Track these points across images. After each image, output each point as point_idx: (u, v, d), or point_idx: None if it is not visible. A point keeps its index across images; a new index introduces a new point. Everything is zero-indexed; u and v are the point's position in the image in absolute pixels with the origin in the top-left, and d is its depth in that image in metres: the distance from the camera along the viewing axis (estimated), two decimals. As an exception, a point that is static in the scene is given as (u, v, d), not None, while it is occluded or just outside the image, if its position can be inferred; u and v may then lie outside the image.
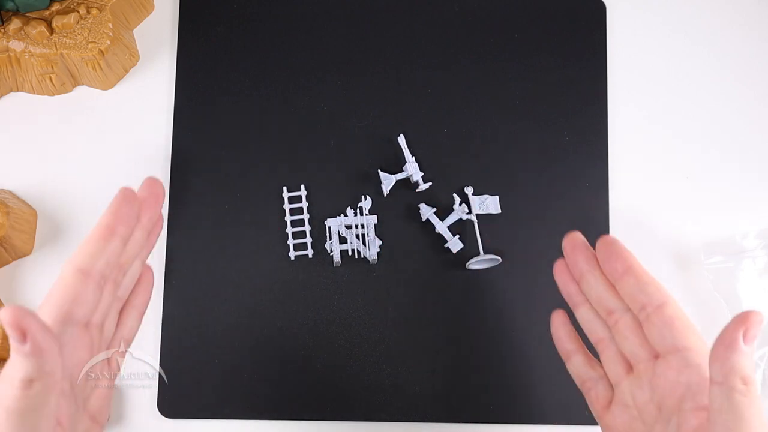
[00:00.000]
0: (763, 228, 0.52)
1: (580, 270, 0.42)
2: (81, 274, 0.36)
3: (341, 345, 0.51)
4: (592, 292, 0.42)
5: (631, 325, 0.40)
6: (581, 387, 0.43)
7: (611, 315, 0.41)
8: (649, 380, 0.38)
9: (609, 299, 0.41)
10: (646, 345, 0.39)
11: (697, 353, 0.37)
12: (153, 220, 0.42)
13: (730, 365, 0.33)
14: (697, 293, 0.53)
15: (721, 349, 0.33)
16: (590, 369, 0.43)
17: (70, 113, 0.54)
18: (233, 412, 0.50)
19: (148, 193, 0.41)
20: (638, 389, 0.39)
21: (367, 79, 0.54)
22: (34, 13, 0.51)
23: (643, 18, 0.57)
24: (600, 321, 0.42)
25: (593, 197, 0.53)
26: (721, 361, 0.33)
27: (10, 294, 0.52)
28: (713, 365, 0.33)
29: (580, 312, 0.43)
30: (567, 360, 0.44)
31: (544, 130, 0.54)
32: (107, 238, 0.37)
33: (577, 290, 0.43)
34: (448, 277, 0.52)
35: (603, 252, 0.41)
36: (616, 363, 0.41)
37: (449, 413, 0.50)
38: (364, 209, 0.51)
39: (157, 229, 0.43)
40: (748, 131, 0.55)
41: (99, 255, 0.37)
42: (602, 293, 0.41)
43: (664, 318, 0.38)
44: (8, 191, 0.52)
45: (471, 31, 0.55)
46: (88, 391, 0.38)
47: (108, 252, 0.37)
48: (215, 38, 0.55)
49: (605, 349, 0.42)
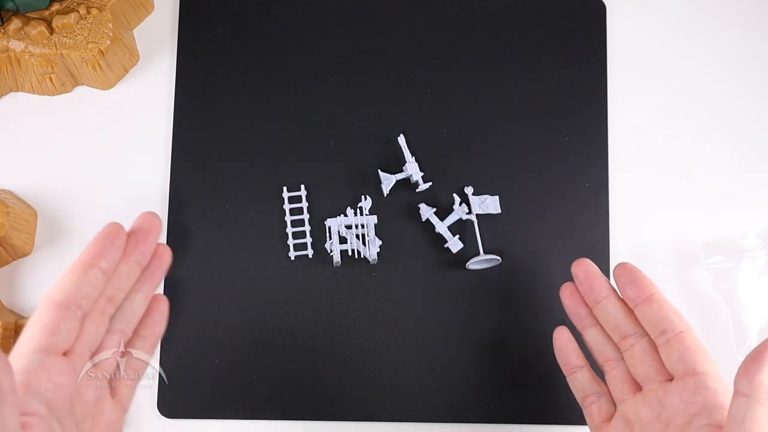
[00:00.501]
0: (763, 228, 0.52)
1: (597, 296, 0.45)
2: (55, 306, 0.38)
3: (341, 345, 0.51)
4: (609, 317, 0.44)
5: (648, 349, 0.43)
6: (582, 400, 0.46)
7: (626, 339, 0.44)
8: (659, 399, 0.41)
9: (626, 325, 0.44)
10: (661, 368, 0.42)
11: (714, 379, 0.40)
12: (145, 254, 0.43)
13: (759, 380, 0.36)
14: (697, 293, 0.53)
15: (752, 365, 0.36)
16: (595, 384, 0.45)
17: (70, 113, 0.54)
18: (233, 412, 0.50)
19: (140, 228, 0.43)
20: (645, 407, 0.42)
21: (367, 79, 0.54)
22: (34, 13, 0.51)
23: (643, 18, 0.57)
24: (610, 343, 0.45)
25: (593, 197, 0.53)
26: (750, 376, 0.36)
27: (10, 294, 0.52)
28: (741, 379, 0.36)
29: (590, 333, 0.46)
30: (570, 374, 0.46)
31: (544, 130, 0.54)
32: (84, 271, 0.40)
33: (587, 313, 0.46)
34: (448, 277, 0.52)
35: (624, 278, 0.44)
36: (623, 382, 0.44)
37: (449, 413, 0.50)
38: (364, 209, 0.51)
39: (160, 263, 0.45)
40: (748, 131, 0.55)
41: (75, 288, 0.39)
42: (620, 319, 0.44)
43: (685, 344, 0.41)
44: (8, 191, 0.52)
45: (471, 31, 0.55)
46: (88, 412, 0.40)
47: (86, 285, 0.40)
48: (215, 38, 0.55)
49: (613, 369, 0.44)
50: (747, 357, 0.36)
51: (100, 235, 0.41)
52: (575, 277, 0.46)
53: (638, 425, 0.42)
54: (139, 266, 0.43)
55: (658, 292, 0.43)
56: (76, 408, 0.39)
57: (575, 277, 0.46)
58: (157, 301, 0.46)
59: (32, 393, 0.36)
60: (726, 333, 0.51)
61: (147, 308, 0.45)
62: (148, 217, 0.44)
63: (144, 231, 0.43)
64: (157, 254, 0.45)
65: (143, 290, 0.44)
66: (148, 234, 0.44)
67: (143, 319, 0.45)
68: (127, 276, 0.43)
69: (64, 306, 0.39)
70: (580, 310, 0.46)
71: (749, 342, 0.51)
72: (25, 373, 0.37)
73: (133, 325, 0.44)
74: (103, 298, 0.41)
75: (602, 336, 0.45)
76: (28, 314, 0.51)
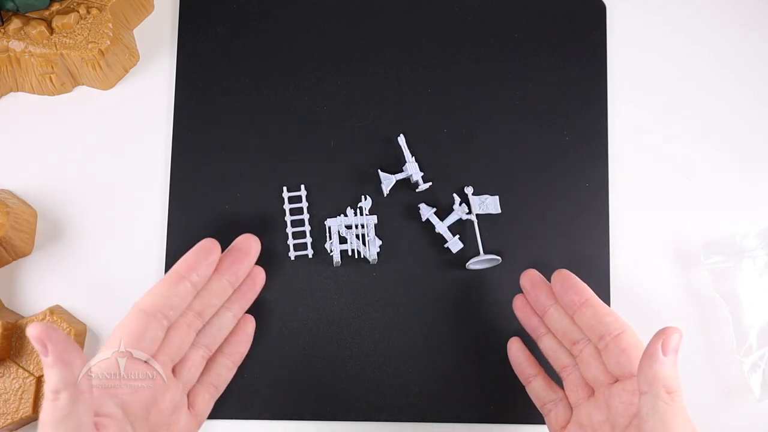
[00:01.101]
0: (763, 228, 0.52)
1: (543, 305, 0.46)
2: (142, 314, 0.40)
3: (341, 345, 0.51)
4: (556, 324, 0.45)
5: (594, 353, 0.43)
6: (541, 408, 0.46)
7: (576, 345, 0.44)
8: (606, 402, 0.41)
9: (573, 331, 0.44)
10: (607, 371, 0.42)
11: None
12: (239, 275, 0.45)
13: (653, 374, 0.36)
14: (697, 293, 0.53)
15: (644, 361, 0.37)
16: (551, 392, 0.46)
17: (70, 113, 0.54)
18: (233, 412, 0.50)
19: (237, 248, 0.46)
20: (596, 410, 0.42)
21: (367, 79, 0.54)
22: (34, 13, 0.51)
23: (643, 18, 0.57)
24: (564, 349, 0.46)
25: (593, 197, 0.53)
26: (645, 372, 0.36)
27: (10, 294, 0.52)
28: (639, 376, 0.37)
29: (544, 342, 0.47)
30: (527, 383, 0.47)
31: (544, 130, 0.54)
32: (175, 282, 0.42)
33: (539, 323, 0.47)
34: (448, 277, 0.52)
35: (559, 286, 0.44)
36: (578, 387, 0.44)
37: (449, 413, 0.50)
38: (364, 209, 0.51)
39: (252, 285, 0.47)
40: (748, 131, 0.55)
41: (163, 298, 0.41)
42: (566, 326, 0.45)
43: (621, 346, 0.41)
44: (8, 191, 0.52)
45: (471, 31, 0.55)
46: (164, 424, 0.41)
47: (175, 296, 0.41)
48: (215, 38, 0.55)
49: (569, 375, 0.45)
50: (642, 355, 0.37)
51: (195, 249, 0.43)
52: (523, 288, 0.47)
53: (590, 429, 0.42)
54: (231, 285, 0.45)
55: (593, 296, 0.43)
56: (151, 415, 0.40)
57: (523, 289, 0.47)
58: (245, 321, 0.47)
59: (110, 395, 0.38)
60: (726, 333, 0.51)
61: (234, 327, 0.46)
62: (246, 238, 0.46)
63: (241, 252, 0.45)
64: (251, 276, 0.47)
65: (233, 309, 0.46)
66: (246, 255, 0.45)
67: (229, 337, 0.46)
68: (217, 294, 0.44)
69: (151, 314, 0.40)
70: (532, 321, 0.47)
71: (749, 342, 0.51)
72: None
73: (219, 341, 0.45)
74: (192, 312, 0.43)
75: (556, 343, 0.46)
76: (28, 314, 0.51)
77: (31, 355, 0.48)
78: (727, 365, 0.51)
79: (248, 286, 0.47)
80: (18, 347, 0.48)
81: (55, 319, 0.49)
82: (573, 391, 0.44)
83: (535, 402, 0.47)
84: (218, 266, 0.45)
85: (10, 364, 0.48)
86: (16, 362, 0.48)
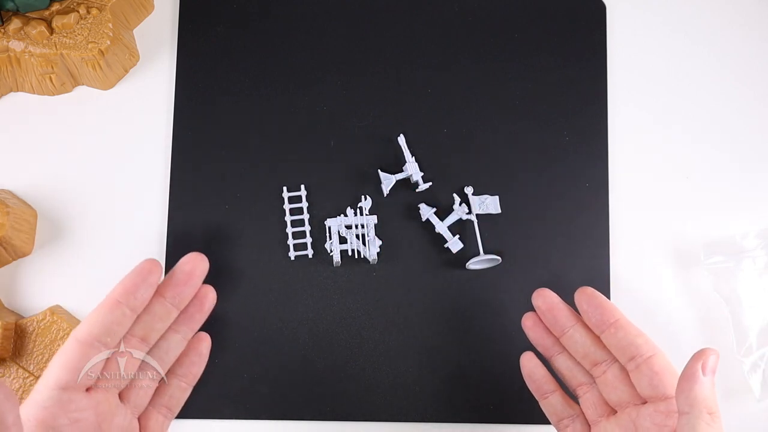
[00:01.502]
0: (763, 228, 0.52)
1: (562, 326, 0.45)
2: (78, 343, 0.39)
3: (341, 345, 0.51)
4: (578, 347, 0.44)
5: (619, 375, 0.43)
6: (557, 423, 0.46)
7: (597, 366, 0.44)
8: (633, 422, 0.41)
9: (596, 353, 0.43)
10: (634, 392, 0.42)
11: None
12: (183, 297, 0.43)
13: (694, 395, 0.36)
14: (697, 293, 0.53)
15: (684, 383, 0.37)
16: (568, 407, 0.45)
17: (70, 113, 0.54)
18: (233, 412, 0.50)
19: (181, 270, 0.43)
20: (619, 429, 0.42)
21: (367, 79, 0.54)
22: (34, 13, 0.51)
23: (643, 18, 0.57)
24: (580, 368, 0.45)
25: (593, 197, 0.53)
26: (685, 393, 0.37)
27: (10, 294, 0.52)
28: (679, 398, 0.37)
29: (559, 360, 0.46)
30: (543, 398, 0.46)
31: (544, 130, 0.54)
32: (111, 309, 0.40)
33: (554, 342, 0.46)
34: (448, 277, 0.52)
35: (586, 304, 0.43)
36: (596, 405, 0.44)
37: (449, 413, 0.50)
38: (364, 209, 0.51)
39: (200, 307, 0.45)
40: (748, 131, 0.55)
41: (100, 325, 0.39)
42: (588, 347, 0.44)
43: (653, 368, 0.40)
44: (8, 191, 0.52)
45: (471, 31, 0.55)
46: None
47: (112, 323, 0.40)
48: (215, 38, 0.55)
49: (586, 393, 0.45)
50: (680, 376, 0.37)
51: (132, 272, 0.41)
52: (537, 308, 0.46)
53: None
54: (175, 308, 0.43)
55: (623, 317, 0.43)
56: None
57: (537, 309, 0.46)
58: (198, 340, 0.46)
59: (46, 428, 0.37)
60: (726, 333, 0.51)
61: (186, 348, 0.45)
62: (191, 258, 0.44)
63: (184, 274, 0.43)
64: (198, 297, 0.45)
65: (181, 331, 0.44)
66: (189, 277, 0.43)
67: (181, 357, 0.45)
68: (161, 317, 0.43)
69: (87, 344, 0.39)
70: (546, 341, 0.46)
71: (749, 342, 0.51)
72: (42, 408, 0.37)
73: (168, 364, 0.44)
74: (134, 338, 0.42)
75: (571, 362, 0.45)
76: (28, 314, 0.51)
77: (31, 355, 0.48)
78: (727, 365, 0.51)
79: (196, 307, 0.44)
80: (18, 347, 0.49)
81: (55, 319, 0.49)
82: (591, 408, 0.44)
83: (550, 416, 0.46)
84: (160, 289, 0.43)
85: (10, 364, 0.48)
86: (17, 362, 0.48)
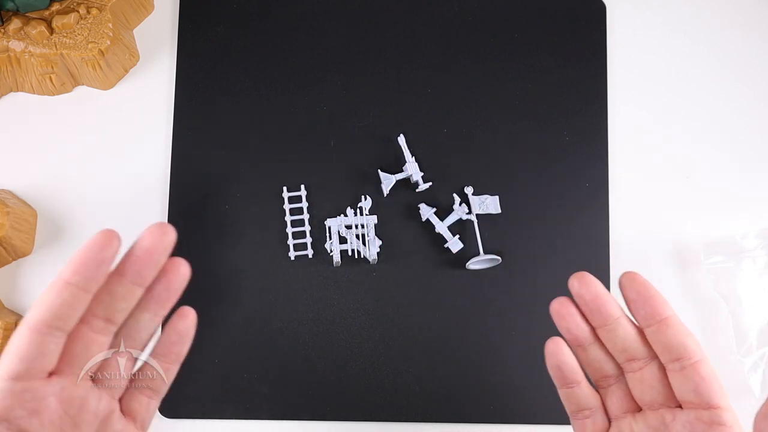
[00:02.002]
0: (763, 228, 0.52)
1: (605, 319, 0.40)
2: (28, 330, 0.35)
3: (341, 345, 0.51)
4: (617, 340, 0.40)
5: (657, 374, 0.40)
6: (575, 413, 0.43)
7: (633, 362, 0.40)
8: (664, 423, 0.39)
9: (637, 349, 0.40)
10: (670, 394, 0.39)
11: (731, 415, 0.38)
12: (144, 275, 0.38)
13: None
14: (697, 293, 0.53)
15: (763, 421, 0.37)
16: (592, 399, 0.42)
17: (70, 113, 0.54)
18: (233, 412, 0.50)
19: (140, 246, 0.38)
20: (646, 428, 0.40)
21: (367, 79, 0.54)
22: (34, 13, 0.51)
23: (643, 18, 0.57)
24: (611, 360, 0.42)
25: (593, 197, 0.53)
26: None
27: (10, 294, 0.52)
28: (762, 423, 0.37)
29: (590, 351, 0.42)
30: (568, 387, 0.43)
31: (544, 130, 0.54)
32: (59, 291, 0.36)
33: (590, 332, 0.41)
34: (448, 277, 0.52)
35: (635, 294, 0.40)
36: (621, 400, 0.41)
37: (449, 413, 0.50)
38: (364, 209, 0.51)
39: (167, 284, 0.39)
40: (748, 131, 0.55)
41: (48, 310, 0.36)
42: (631, 343, 0.40)
43: (701, 374, 0.38)
44: (8, 191, 0.52)
45: (471, 31, 0.55)
46: None
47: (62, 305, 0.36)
48: (215, 38, 0.55)
49: (610, 385, 0.42)
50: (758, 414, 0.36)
51: (83, 248, 0.37)
52: (579, 297, 0.41)
53: None
54: (137, 287, 0.38)
55: (674, 314, 0.39)
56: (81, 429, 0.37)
57: (578, 297, 0.41)
58: (177, 317, 0.41)
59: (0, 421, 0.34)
60: (726, 333, 0.51)
61: (165, 326, 0.41)
62: (151, 231, 0.38)
63: (143, 250, 0.38)
64: (165, 271, 0.39)
65: (151, 309, 0.40)
66: (149, 254, 0.38)
67: (161, 336, 0.41)
68: (123, 297, 0.38)
69: (36, 330, 0.35)
70: (580, 329, 0.41)
71: (749, 342, 0.51)
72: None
73: (143, 344, 0.40)
74: (98, 318, 0.38)
75: (603, 354, 0.42)
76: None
77: (31, 355, 0.48)
78: (727, 365, 0.51)
79: (162, 285, 0.39)
80: (18, 347, 0.48)
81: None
82: (615, 403, 0.42)
83: (570, 406, 0.43)
84: (120, 266, 0.38)
85: (10, 364, 0.48)
86: (16, 362, 0.48)
